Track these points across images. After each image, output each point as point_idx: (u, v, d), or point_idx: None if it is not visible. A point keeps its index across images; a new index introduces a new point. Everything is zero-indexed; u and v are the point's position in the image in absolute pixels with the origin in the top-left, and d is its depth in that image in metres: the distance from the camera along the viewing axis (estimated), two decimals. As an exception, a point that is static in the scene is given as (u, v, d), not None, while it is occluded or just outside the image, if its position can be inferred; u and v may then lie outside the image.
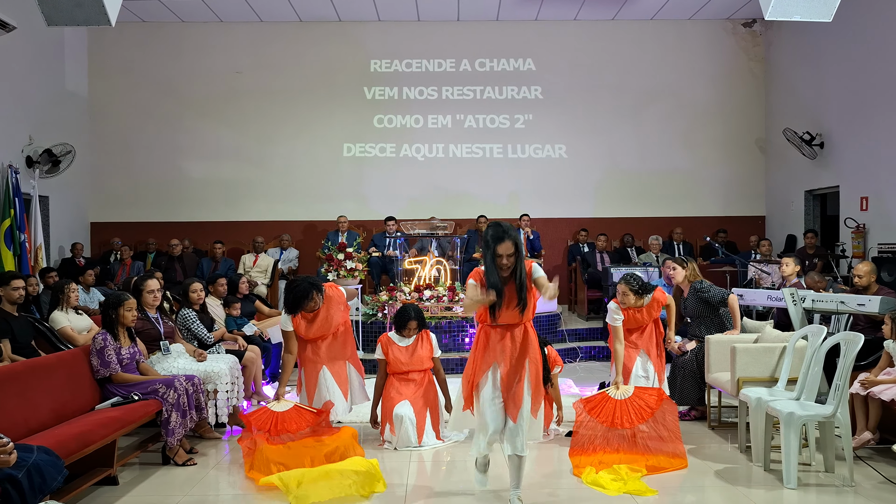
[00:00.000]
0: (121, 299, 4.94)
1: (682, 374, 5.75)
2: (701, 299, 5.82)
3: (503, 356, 3.83)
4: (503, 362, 3.83)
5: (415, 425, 5.12)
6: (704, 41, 11.87)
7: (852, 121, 9.65)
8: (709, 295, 5.77)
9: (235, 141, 11.78)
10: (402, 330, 5.37)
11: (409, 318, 5.34)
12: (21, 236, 9.06)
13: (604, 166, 11.89)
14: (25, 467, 3.15)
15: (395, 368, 5.33)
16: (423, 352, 5.36)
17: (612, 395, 4.90)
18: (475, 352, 3.95)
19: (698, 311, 5.87)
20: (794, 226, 11.07)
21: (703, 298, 5.80)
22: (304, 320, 5.26)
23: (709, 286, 5.82)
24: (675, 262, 5.99)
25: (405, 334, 5.38)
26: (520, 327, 3.87)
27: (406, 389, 5.29)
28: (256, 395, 6.46)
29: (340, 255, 8.49)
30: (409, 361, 5.31)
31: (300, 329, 5.26)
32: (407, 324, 5.35)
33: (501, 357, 3.84)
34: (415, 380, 5.33)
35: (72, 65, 11.16)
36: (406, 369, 5.32)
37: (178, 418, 4.72)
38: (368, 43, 11.84)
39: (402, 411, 5.15)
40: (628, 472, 4.37)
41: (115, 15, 4.84)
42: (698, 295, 5.82)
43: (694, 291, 5.85)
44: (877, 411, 4.69)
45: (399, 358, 5.31)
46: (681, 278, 5.93)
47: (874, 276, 5.81)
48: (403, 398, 5.22)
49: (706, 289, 5.80)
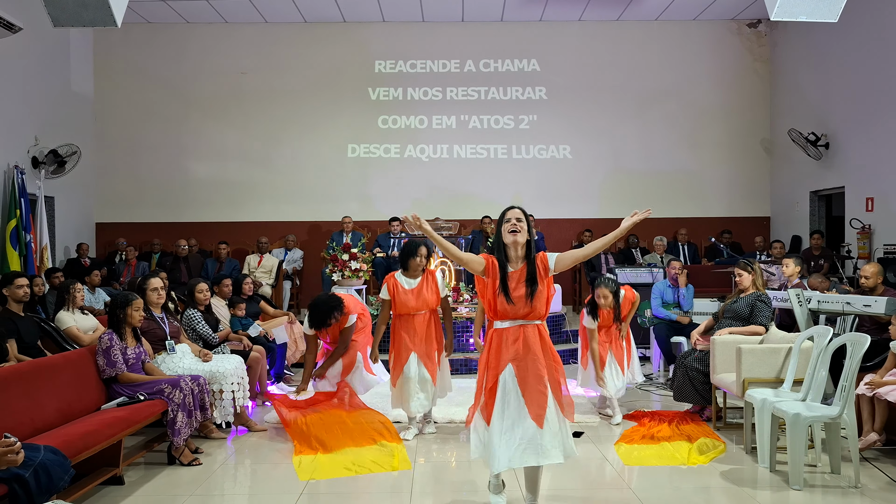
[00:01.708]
0: (129, 299, 4.95)
1: (689, 374, 5.72)
2: (753, 308, 5.64)
3: (515, 357, 3.60)
4: (516, 364, 3.60)
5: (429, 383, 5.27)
6: (709, 42, 11.85)
7: (858, 121, 9.63)
8: (758, 310, 5.60)
9: (240, 141, 11.80)
10: (412, 260, 5.28)
11: (418, 245, 5.29)
12: (27, 237, 9.09)
13: (608, 167, 11.89)
14: (32, 467, 3.17)
15: (400, 310, 5.29)
16: (428, 294, 5.30)
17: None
18: (487, 354, 3.72)
19: (742, 315, 5.70)
20: (799, 227, 11.05)
21: (755, 309, 5.62)
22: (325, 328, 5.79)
23: (767, 305, 5.64)
24: (740, 268, 5.78)
25: (412, 272, 5.32)
26: (533, 328, 3.66)
27: (415, 340, 5.26)
28: (261, 395, 6.47)
29: (345, 256, 8.50)
30: (415, 304, 5.28)
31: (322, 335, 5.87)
32: (417, 251, 5.26)
33: (514, 358, 3.60)
34: (420, 324, 5.29)
35: (77, 66, 11.20)
36: (413, 312, 5.27)
37: (184, 418, 4.73)
38: (373, 44, 11.86)
39: (411, 373, 5.25)
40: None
41: (121, 16, 4.85)
42: (755, 302, 5.65)
43: (753, 299, 5.68)
44: (883, 412, 4.68)
45: (405, 301, 5.26)
46: (748, 283, 5.73)
47: (881, 277, 5.80)
48: (411, 350, 5.24)
49: (766, 305, 5.63)
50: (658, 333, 7.39)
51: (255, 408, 6.28)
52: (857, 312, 5.66)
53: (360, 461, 4.76)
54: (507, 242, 3.67)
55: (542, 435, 3.53)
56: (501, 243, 3.69)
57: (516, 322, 3.66)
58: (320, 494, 4.24)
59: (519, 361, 3.61)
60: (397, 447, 5.03)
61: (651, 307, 7.52)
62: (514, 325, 3.66)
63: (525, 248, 3.69)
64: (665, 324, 7.34)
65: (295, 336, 7.47)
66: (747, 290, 5.74)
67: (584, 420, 5.76)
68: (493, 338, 3.70)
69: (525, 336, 3.64)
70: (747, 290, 5.74)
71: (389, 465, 4.71)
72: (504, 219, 3.70)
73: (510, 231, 3.65)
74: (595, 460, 4.83)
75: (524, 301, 3.62)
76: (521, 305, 3.62)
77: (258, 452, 5.11)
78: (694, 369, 5.66)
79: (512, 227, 3.65)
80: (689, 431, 5.33)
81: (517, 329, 3.65)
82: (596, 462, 4.80)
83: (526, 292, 3.61)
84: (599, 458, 4.87)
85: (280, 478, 4.53)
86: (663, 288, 7.59)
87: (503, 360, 3.63)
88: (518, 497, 4.10)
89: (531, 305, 3.63)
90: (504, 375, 3.61)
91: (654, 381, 7.40)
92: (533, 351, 3.62)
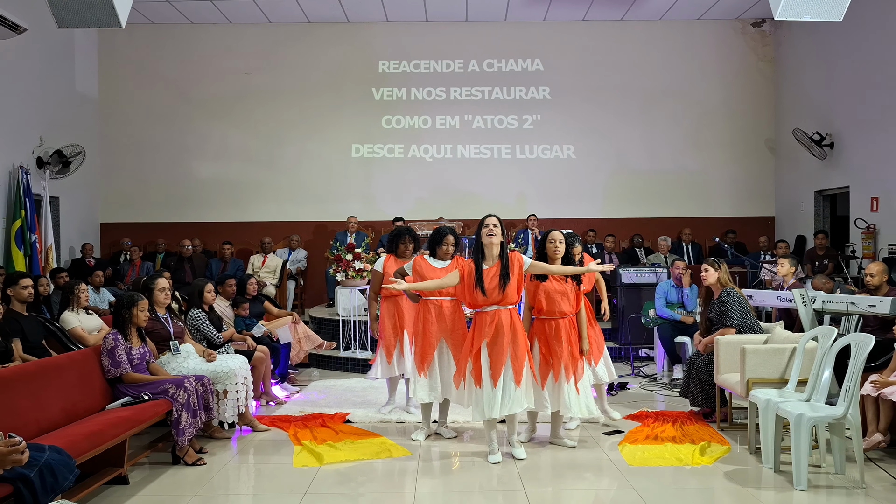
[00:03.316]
0: (134, 299, 4.96)
1: (700, 377, 5.70)
2: (721, 311, 5.65)
3: (489, 335, 4.62)
4: (490, 340, 4.62)
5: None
6: (713, 41, 11.83)
7: (862, 121, 9.60)
8: (725, 308, 5.60)
9: (244, 142, 11.82)
10: (439, 248, 5.25)
11: (445, 233, 5.24)
12: (32, 237, 9.12)
13: (612, 167, 11.87)
14: (37, 467, 3.17)
15: (427, 292, 5.18)
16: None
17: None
18: (472, 332, 4.74)
19: (719, 320, 5.69)
20: (803, 226, 11.02)
21: (721, 312, 5.63)
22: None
23: (731, 302, 5.61)
24: (708, 264, 5.75)
25: (441, 255, 5.26)
26: (506, 312, 4.64)
27: (443, 327, 5.17)
28: (265, 395, 6.48)
29: (349, 256, 8.49)
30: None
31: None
32: (444, 239, 5.23)
33: (488, 335, 4.62)
34: (449, 311, 5.19)
35: (82, 66, 11.23)
36: (438, 293, 5.16)
37: (189, 418, 4.74)
38: (376, 44, 11.86)
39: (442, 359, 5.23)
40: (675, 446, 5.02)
41: (126, 17, 4.87)
42: (720, 304, 5.65)
43: (719, 301, 5.67)
44: (888, 413, 4.66)
45: (434, 275, 5.13)
46: (713, 280, 5.71)
47: (886, 276, 5.77)
48: (437, 337, 5.17)
49: (730, 304, 5.61)
50: (662, 333, 7.38)
51: (259, 408, 6.29)
52: (861, 312, 5.64)
53: (361, 449, 5.05)
54: (485, 243, 4.69)
55: (499, 393, 4.61)
56: (480, 244, 4.69)
57: (492, 308, 4.65)
58: (324, 494, 4.25)
59: (491, 338, 4.63)
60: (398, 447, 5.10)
61: (655, 307, 7.51)
62: (490, 311, 4.66)
63: (499, 248, 4.70)
64: (669, 324, 7.33)
65: (299, 336, 7.48)
66: (714, 286, 5.72)
67: (587, 419, 5.74)
68: (475, 319, 4.73)
69: (499, 318, 4.64)
70: (714, 286, 5.72)
71: (388, 454, 4.94)
72: (483, 224, 4.68)
73: (488, 234, 4.66)
74: (599, 460, 4.83)
75: (497, 291, 4.61)
76: (495, 295, 4.62)
77: (262, 452, 5.12)
78: (704, 372, 5.63)
79: (489, 232, 4.65)
80: (693, 432, 5.33)
81: (493, 313, 4.65)
82: (600, 462, 4.79)
83: (499, 284, 4.61)
84: (603, 458, 4.87)
85: (284, 477, 4.54)
86: (667, 288, 7.58)
87: (482, 337, 4.65)
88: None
89: (503, 294, 4.63)
90: (483, 348, 4.63)
91: (657, 381, 7.39)
92: (503, 330, 4.62)
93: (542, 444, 5.18)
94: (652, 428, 5.43)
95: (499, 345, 4.62)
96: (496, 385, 4.59)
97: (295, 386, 7.28)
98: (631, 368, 7.82)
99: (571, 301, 4.97)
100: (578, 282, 5.12)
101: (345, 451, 5.00)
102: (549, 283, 4.94)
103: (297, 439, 5.27)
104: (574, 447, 5.05)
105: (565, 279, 5.00)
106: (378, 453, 4.98)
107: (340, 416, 5.86)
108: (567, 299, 4.94)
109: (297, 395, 6.89)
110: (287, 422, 5.75)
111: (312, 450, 5.02)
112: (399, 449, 5.06)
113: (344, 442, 5.20)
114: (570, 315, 4.98)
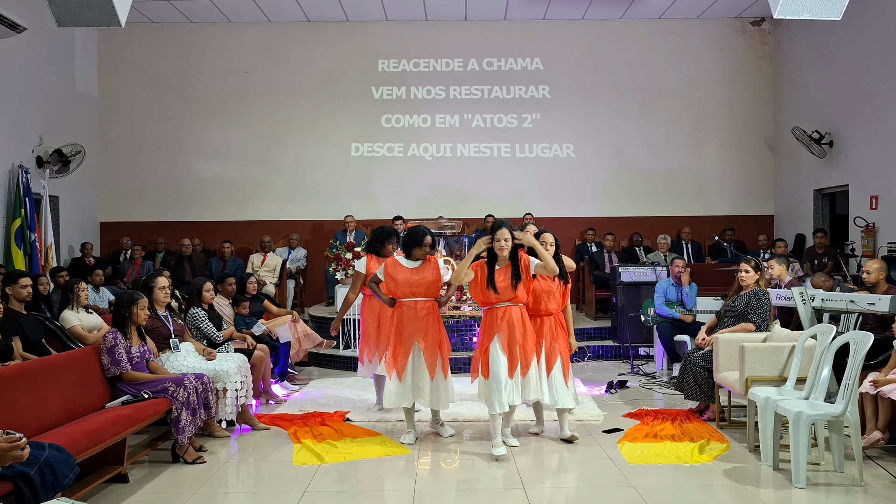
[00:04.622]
0: (135, 298, 4.97)
1: (693, 370, 5.71)
2: (747, 304, 5.66)
3: (501, 330, 4.84)
4: (505, 334, 4.84)
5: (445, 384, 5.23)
6: (713, 40, 11.84)
7: (862, 119, 9.60)
8: (751, 308, 5.62)
9: (244, 141, 11.82)
10: (419, 248, 5.18)
11: (425, 233, 5.18)
12: (31, 236, 9.12)
13: (612, 165, 11.88)
14: (37, 465, 3.18)
15: (400, 291, 5.14)
16: (428, 274, 5.18)
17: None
18: (483, 327, 4.98)
19: (741, 313, 5.71)
20: (803, 225, 11.03)
21: (749, 306, 5.64)
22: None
23: (762, 302, 5.64)
24: (750, 266, 5.72)
25: (418, 255, 5.20)
26: (517, 309, 4.89)
27: (416, 328, 5.11)
28: (265, 393, 6.49)
29: (348, 255, 8.51)
30: (416, 281, 5.11)
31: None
32: (423, 240, 5.17)
33: (500, 330, 4.84)
34: (423, 311, 5.13)
35: (82, 65, 11.23)
36: (411, 292, 5.12)
37: (188, 416, 4.75)
38: (376, 43, 11.86)
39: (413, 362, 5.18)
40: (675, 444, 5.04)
41: (125, 16, 4.86)
42: (750, 299, 5.67)
43: (750, 296, 5.69)
44: (886, 411, 4.67)
45: (407, 279, 5.11)
46: (751, 281, 5.71)
47: (884, 273, 5.77)
48: (411, 338, 5.11)
49: (761, 302, 5.63)
50: (661, 332, 7.39)
51: (259, 406, 6.29)
52: (860, 310, 5.64)
53: (361, 448, 5.08)
54: (500, 256, 4.93)
55: (513, 384, 4.86)
56: (493, 252, 4.92)
57: (503, 304, 4.88)
58: (324, 493, 4.26)
59: (504, 333, 4.85)
60: (397, 445, 5.14)
61: (654, 306, 7.52)
62: (501, 307, 4.89)
63: (509, 252, 4.91)
64: (668, 322, 7.34)
65: (298, 335, 7.49)
66: (749, 286, 5.74)
67: (588, 418, 5.76)
68: (486, 316, 4.97)
69: (510, 314, 4.87)
70: (749, 286, 5.74)
71: (388, 452, 4.97)
72: (495, 238, 4.87)
73: (499, 249, 4.87)
74: (598, 459, 4.84)
75: (509, 289, 4.85)
76: (507, 293, 4.86)
77: (262, 451, 5.13)
78: (699, 366, 5.66)
79: (500, 247, 4.86)
80: (692, 430, 5.34)
81: (505, 309, 4.88)
82: (599, 460, 4.80)
83: (511, 283, 4.85)
84: (602, 456, 4.88)
85: (284, 476, 4.54)
86: (667, 286, 7.59)
87: (493, 331, 4.87)
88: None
89: (515, 292, 4.86)
90: (494, 343, 4.84)
91: (657, 379, 7.40)
92: (515, 325, 4.86)
93: (542, 441, 5.19)
94: (651, 426, 5.44)
95: (512, 339, 4.83)
96: (512, 377, 4.82)
97: (294, 384, 7.29)
98: (630, 367, 7.82)
99: (557, 299, 5.16)
100: (565, 280, 5.18)
101: (344, 450, 5.01)
102: (537, 282, 5.07)
103: (297, 438, 5.28)
104: (576, 439, 5.17)
105: (553, 278, 5.05)
106: (378, 452, 4.99)
107: (340, 415, 5.87)
108: (553, 298, 5.12)
109: (297, 394, 6.90)
110: (287, 420, 5.76)
111: (312, 448, 5.03)
112: (399, 447, 5.08)
113: (344, 440, 5.22)
114: (556, 312, 5.17)
